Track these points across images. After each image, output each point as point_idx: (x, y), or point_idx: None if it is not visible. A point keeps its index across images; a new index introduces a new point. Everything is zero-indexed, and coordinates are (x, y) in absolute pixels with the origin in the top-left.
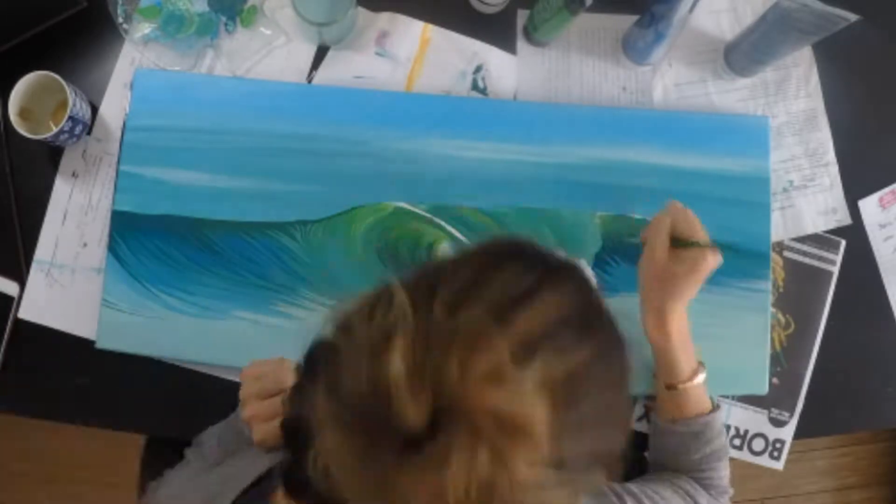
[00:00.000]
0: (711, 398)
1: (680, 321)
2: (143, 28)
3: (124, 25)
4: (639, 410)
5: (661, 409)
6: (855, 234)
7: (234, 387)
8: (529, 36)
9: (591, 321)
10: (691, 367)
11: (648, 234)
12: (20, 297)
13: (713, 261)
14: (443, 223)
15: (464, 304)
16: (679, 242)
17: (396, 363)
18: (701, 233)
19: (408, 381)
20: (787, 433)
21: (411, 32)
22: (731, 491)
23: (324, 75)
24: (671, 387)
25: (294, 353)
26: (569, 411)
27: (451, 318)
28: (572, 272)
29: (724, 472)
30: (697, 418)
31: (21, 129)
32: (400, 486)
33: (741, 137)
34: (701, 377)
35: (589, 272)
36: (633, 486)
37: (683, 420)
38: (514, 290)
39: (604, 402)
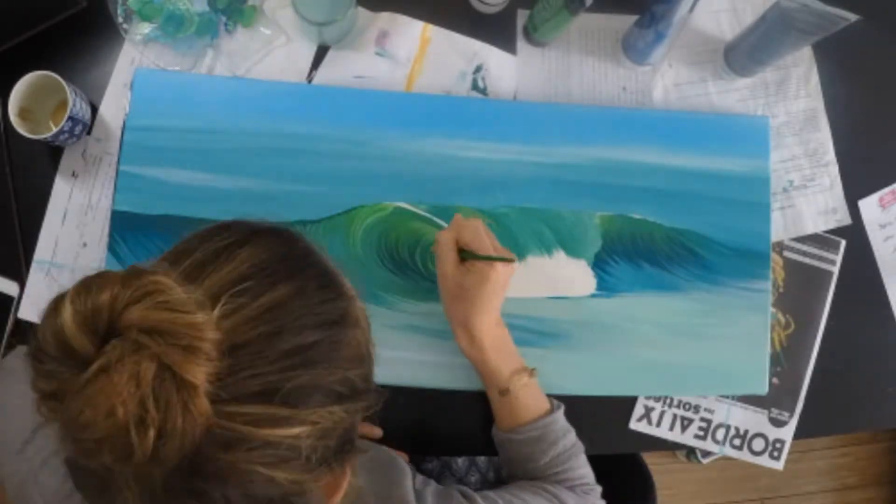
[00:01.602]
0: (550, 399)
1: (491, 332)
2: (143, 28)
3: (124, 25)
4: (639, 410)
5: (499, 420)
6: (855, 234)
7: None
8: (529, 36)
9: (291, 269)
10: (515, 369)
11: (436, 251)
12: (20, 297)
13: (504, 271)
14: (443, 223)
15: (169, 265)
16: (468, 255)
17: (67, 306)
18: (486, 244)
19: (74, 316)
20: (787, 433)
21: (411, 32)
22: (598, 488)
23: (324, 75)
24: (502, 392)
25: None
26: (255, 347)
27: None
28: (277, 230)
29: (581, 471)
30: (535, 422)
31: (21, 129)
32: (76, 408)
33: (741, 137)
34: (527, 378)
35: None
36: (489, 492)
37: (521, 427)
38: (210, 251)
39: (308, 337)
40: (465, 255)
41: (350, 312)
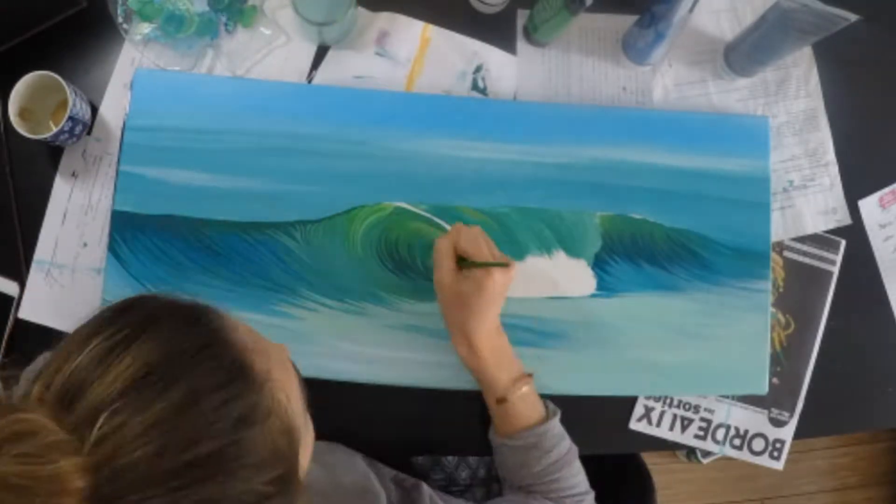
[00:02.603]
0: (548, 406)
1: (489, 339)
2: (143, 28)
3: (124, 25)
4: (639, 410)
5: (495, 425)
6: (855, 234)
7: None
8: (529, 36)
9: (184, 369)
10: (513, 378)
11: (434, 258)
12: (20, 297)
13: (501, 278)
14: (443, 223)
15: (52, 376)
16: (466, 262)
17: None
18: (483, 251)
19: None
20: (787, 433)
21: (411, 32)
22: (591, 494)
23: (324, 75)
24: (500, 400)
25: (294, 354)
26: (136, 472)
27: (22, 392)
28: (174, 316)
29: (574, 480)
30: (530, 430)
31: (21, 129)
32: None
33: (741, 137)
34: (525, 388)
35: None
36: None
37: (516, 434)
38: (94, 354)
39: (202, 448)
40: (463, 262)
41: (258, 405)
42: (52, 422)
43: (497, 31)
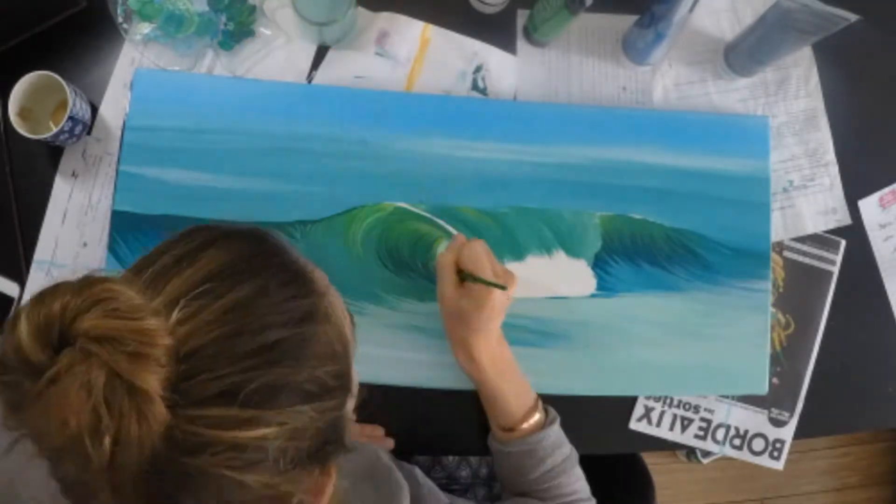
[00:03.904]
0: (547, 412)
1: (490, 351)
2: (143, 28)
3: (124, 25)
4: (639, 410)
5: (492, 431)
6: (855, 234)
7: None
8: (529, 36)
9: (254, 268)
10: (522, 403)
11: (437, 272)
12: (20, 297)
13: (501, 296)
14: (443, 223)
15: (133, 277)
16: (468, 277)
17: (22, 319)
18: (485, 268)
19: (29, 327)
20: (787, 433)
21: (411, 32)
22: (593, 500)
23: (324, 75)
24: (507, 429)
25: None
26: (214, 348)
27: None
28: (242, 231)
29: (573, 487)
30: (527, 437)
31: (21, 129)
32: (32, 418)
33: (741, 137)
34: (536, 416)
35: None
36: None
37: (513, 441)
38: (171, 258)
39: (271, 336)
40: (465, 276)
41: (319, 308)
42: (139, 296)
43: (497, 31)
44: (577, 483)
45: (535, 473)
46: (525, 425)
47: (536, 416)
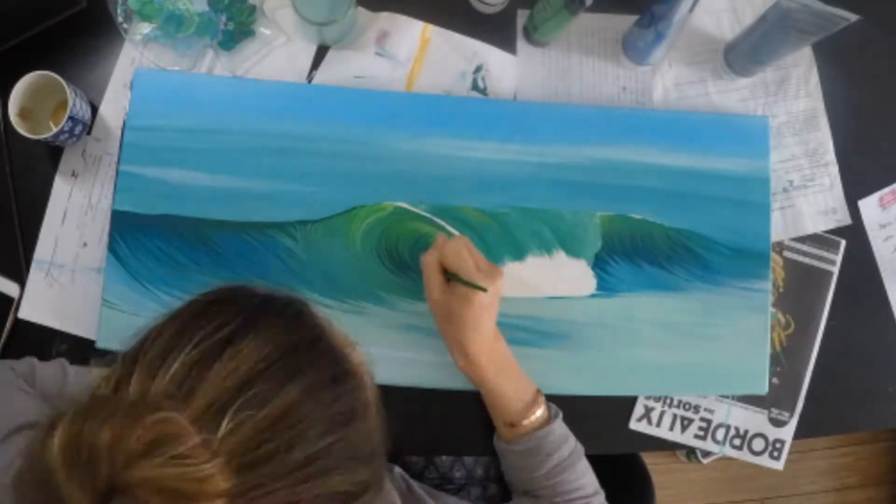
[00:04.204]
0: (550, 408)
1: (486, 347)
2: (143, 28)
3: (124, 25)
4: (639, 410)
5: (498, 431)
6: (855, 234)
7: None
8: (529, 36)
9: (298, 362)
10: (523, 398)
11: (422, 274)
12: (20, 297)
13: (487, 294)
14: (443, 223)
15: (158, 369)
16: (453, 276)
17: (54, 442)
18: (467, 265)
19: (63, 460)
20: (787, 433)
21: (411, 32)
22: (600, 494)
23: (324, 75)
24: (511, 424)
25: None
26: (266, 467)
27: (139, 388)
28: (279, 311)
29: (580, 482)
30: (530, 435)
31: (21, 129)
32: None
33: (741, 137)
34: (539, 411)
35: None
36: None
37: (519, 439)
38: (205, 347)
39: (321, 443)
40: (450, 276)
41: (364, 399)
42: (183, 417)
43: (497, 31)
44: (584, 477)
45: (543, 470)
46: (528, 421)
47: (539, 412)
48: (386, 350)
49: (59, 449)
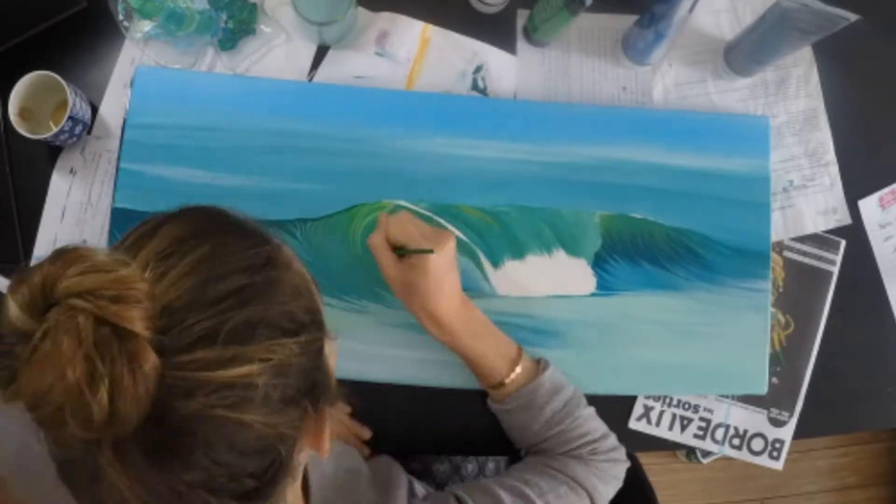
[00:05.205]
0: (539, 362)
1: (456, 313)
2: (144, 26)
3: (125, 23)
4: (639, 409)
5: (489, 395)
6: (855, 234)
7: None
8: (529, 36)
9: (213, 229)
10: (505, 357)
11: (374, 256)
12: None
13: (440, 257)
14: (443, 221)
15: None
16: (403, 251)
17: (9, 299)
18: (413, 235)
19: (15, 303)
20: (787, 433)
21: (411, 32)
22: (608, 437)
23: (324, 75)
24: (498, 385)
25: None
26: (179, 290)
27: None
28: (203, 208)
29: (582, 429)
30: (519, 391)
31: (21, 129)
32: (29, 380)
33: (741, 137)
34: (520, 367)
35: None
36: (492, 483)
37: (507, 397)
38: (144, 230)
39: (237, 281)
40: (401, 251)
41: (278, 257)
42: (110, 258)
43: (497, 31)
44: (588, 423)
45: (538, 424)
46: (510, 379)
47: (520, 367)
48: (385, 348)
49: (11, 298)
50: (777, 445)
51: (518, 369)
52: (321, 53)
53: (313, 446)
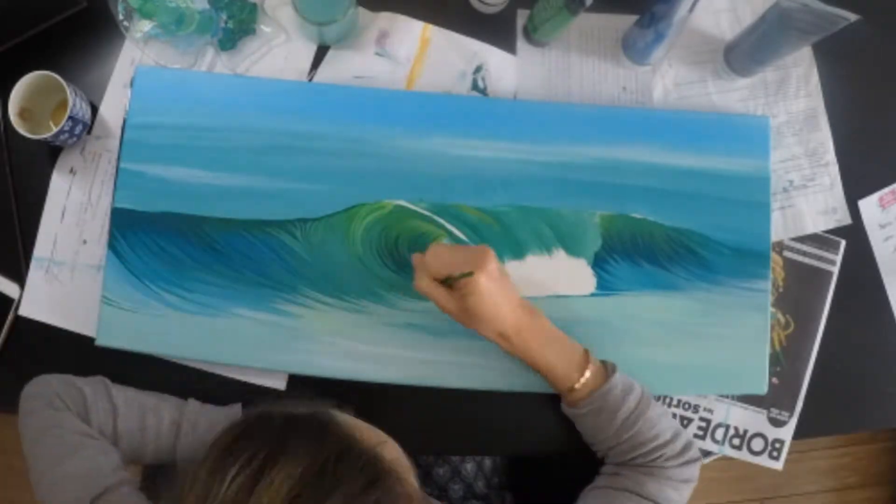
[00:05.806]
0: (606, 365)
1: (529, 328)
2: (144, 25)
3: (125, 23)
4: None
5: (563, 399)
6: (855, 234)
7: (233, 384)
8: (529, 36)
9: (331, 478)
10: (573, 362)
11: (429, 298)
12: (20, 298)
13: (485, 275)
14: (443, 221)
15: None
16: (449, 280)
17: None
18: (453, 263)
19: None
20: (787, 433)
21: (411, 32)
22: (683, 432)
23: (324, 75)
24: (569, 391)
25: (292, 352)
26: None
27: None
28: (303, 431)
29: (653, 431)
30: (591, 395)
31: (21, 129)
32: None
33: (741, 137)
34: (589, 371)
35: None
36: None
37: (579, 404)
38: (239, 483)
39: None
40: (448, 281)
41: (404, 492)
42: None
43: (497, 31)
44: (659, 423)
45: (613, 428)
46: (581, 382)
47: (590, 371)
48: (385, 348)
49: None
50: (777, 445)
51: (587, 373)
52: (321, 53)
53: None
